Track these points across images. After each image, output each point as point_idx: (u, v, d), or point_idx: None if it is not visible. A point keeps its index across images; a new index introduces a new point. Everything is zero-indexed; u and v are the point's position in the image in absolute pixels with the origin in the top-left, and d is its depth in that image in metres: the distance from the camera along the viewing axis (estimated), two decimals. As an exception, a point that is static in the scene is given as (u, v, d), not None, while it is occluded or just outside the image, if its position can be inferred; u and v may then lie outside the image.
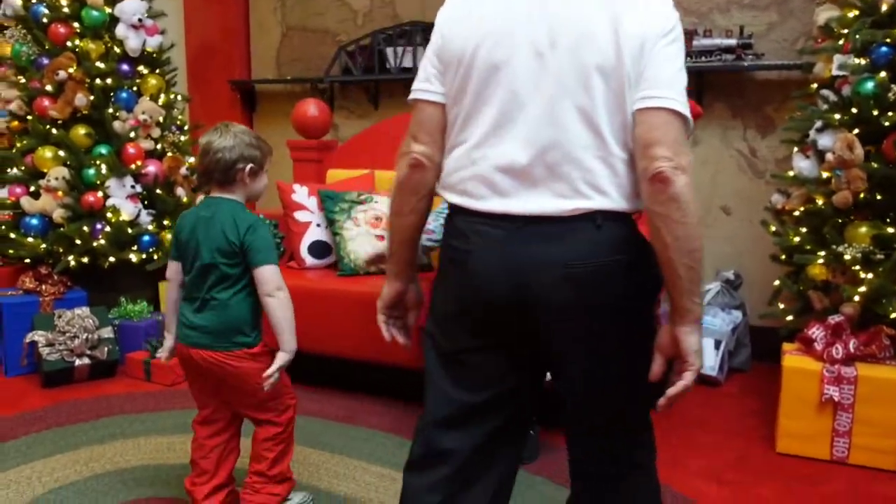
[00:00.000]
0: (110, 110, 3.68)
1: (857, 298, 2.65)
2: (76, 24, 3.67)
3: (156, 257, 3.75)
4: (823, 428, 2.62)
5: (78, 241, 3.55)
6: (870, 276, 2.64)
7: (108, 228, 3.59)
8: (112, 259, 3.61)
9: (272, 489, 2.12)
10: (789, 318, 2.95)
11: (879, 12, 2.74)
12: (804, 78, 3.54)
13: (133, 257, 3.66)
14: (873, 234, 2.69)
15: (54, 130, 3.62)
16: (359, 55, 4.26)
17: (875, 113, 2.68)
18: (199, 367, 2.02)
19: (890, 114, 2.63)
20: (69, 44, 3.64)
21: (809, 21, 3.53)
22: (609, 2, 1.29)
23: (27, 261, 3.67)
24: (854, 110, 2.72)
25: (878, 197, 2.71)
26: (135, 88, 3.81)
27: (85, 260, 3.62)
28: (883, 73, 2.69)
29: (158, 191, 3.79)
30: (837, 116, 2.79)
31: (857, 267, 2.67)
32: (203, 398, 2.13)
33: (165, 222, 3.82)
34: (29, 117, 3.71)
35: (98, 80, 3.64)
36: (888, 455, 2.55)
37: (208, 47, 4.70)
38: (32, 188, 3.69)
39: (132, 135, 3.72)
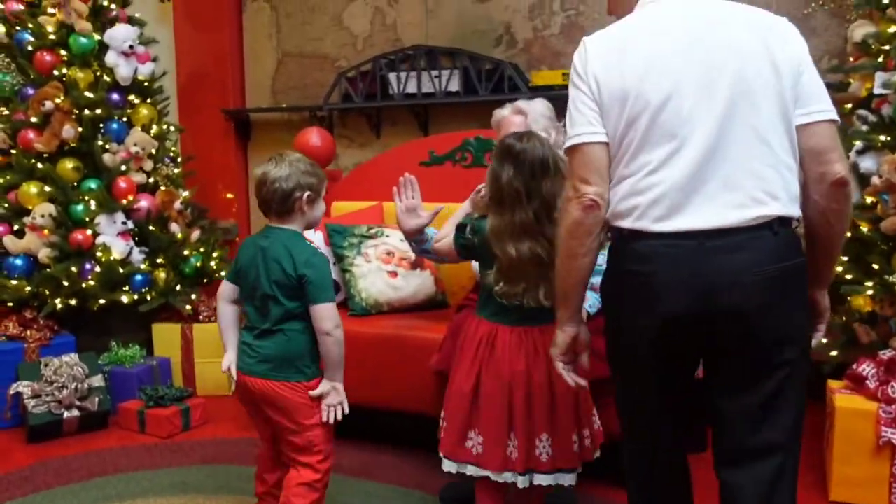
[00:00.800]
0: (100, 142, 3.48)
1: (912, 332, 2.47)
2: (63, 52, 3.47)
3: (149, 297, 3.51)
4: (881, 473, 2.42)
5: (65, 283, 3.32)
6: (924, 307, 2.47)
7: (97, 268, 3.36)
8: (102, 301, 3.38)
9: None
10: (833, 353, 2.76)
11: (923, 27, 2.59)
12: (832, 97, 3.39)
13: (125, 298, 3.43)
14: (924, 262, 2.52)
15: (40, 164, 3.41)
16: (360, 81, 4.07)
17: (921, 133, 2.53)
18: (254, 397, 2.03)
19: (940, 134, 2.48)
20: (56, 72, 3.45)
21: (833, 39, 3.40)
22: (756, 29, 1.48)
23: (10, 304, 3.41)
24: (900, 131, 2.57)
25: (929, 223, 2.54)
26: (125, 119, 3.61)
27: (73, 302, 3.39)
28: (929, 92, 2.54)
29: (151, 227, 3.58)
30: (882, 138, 2.63)
31: (910, 298, 2.49)
32: (263, 432, 2.15)
33: (159, 260, 3.60)
34: (13, 151, 3.48)
35: (87, 111, 3.44)
36: (954, 502, 2.36)
37: (201, 75, 4.51)
38: (16, 226, 3.46)
39: (123, 168, 3.51)
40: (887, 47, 2.70)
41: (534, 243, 1.88)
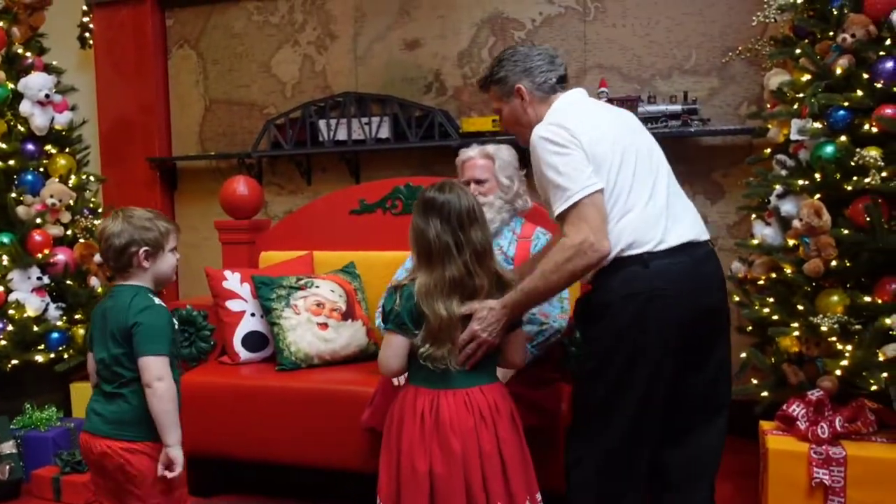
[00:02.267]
0: (13, 194, 3.31)
1: (838, 372, 2.50)
2: (-26, 102, 3.33)
3: (66, 356, 3.34)
4: (815, 514, 2.44)
5: (-25, 343, 3.13)
6: (848, 347, 2.51)
7: (10, 327, 3.18)
8: (15, 361, 3.19)
9: None
10: (764, 393, 2.79)
11: (834, 76, 2.68)
12: (748, 143, 3.51)
13: (39, 357, 3.26)
14: (846, 303, 2.58)
15: (-53, 219, 3.24)
16: (289, 128, 4.03)
17: (837, 177, 2.60)
18: (96, 460, 1.95)
19: (855, 178, 2.55)
20: (-33, 123, 3.29)
21: (751, 86, 3.53)
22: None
23: (-87, 368, 3.20)
24: (817, 175, 2.64)
25: (848, 264, 2.61)
26: (41, 169, 3.46)
27: (-18, 364, 3.19)
28: (843, 137, 2.62)
29: (69, 281, 3.42)
30: (801, 182, 2.70)
31: (834, 338, 2.54)
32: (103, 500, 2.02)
33: (77, 316, 3.43)
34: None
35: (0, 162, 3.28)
36: (885, 541, 2.38)
37: (124, 123, 4.39)
38: (-79, 284, 3.26)
39: (38, 220, 3.35)
40: (801, 95, 2.79)
41: (462, 299, 1.84)
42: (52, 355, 3.31)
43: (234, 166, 4.26)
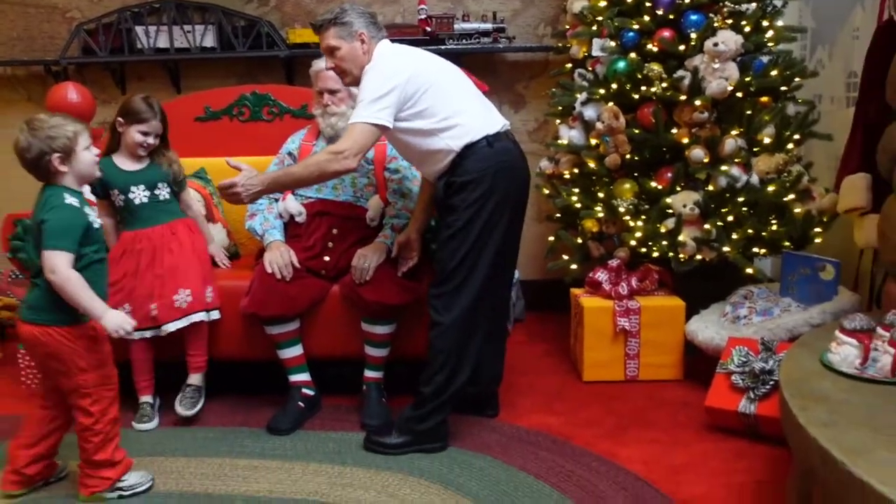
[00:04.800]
0: None
1: (633, 243, 3.16)
2: None
3: None
4: (618, 354, 3.11)
5: None
6: (639, 223, 3.16)
7: None
8: None
9: (102, 473, 2.20)
10: (573, 266, 3.41)
11: (626, 3, 3.26)
12: (545, 59, 4.05)
13: None
14: (636, 189, 3.22)
15: None
16: (102, 34, 3.87)
17: (628, 87, 3.20)
18: (24, 342, 2.16)
19: (644, 88, 3.16)
20: None
21: (547, 9, 4.05)
22: None
23: None
24: (614, 86, 3.22)
25: (636, 158, 3.25)
26: None
27: None
28: (633, 55, 3.22)
29: None
30: (601, 91, 3.27)
31: (628, 217, 3.18)
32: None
33: None
34: None
35: None
36: (669, 368, 3.12)
37: None
38: None
39: None
40: (600, 19, 3.34)
41: None
42: None
43: (37, 74, 4.00)
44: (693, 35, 3.12)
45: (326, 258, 2.77)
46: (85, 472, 2.21)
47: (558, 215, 3.57)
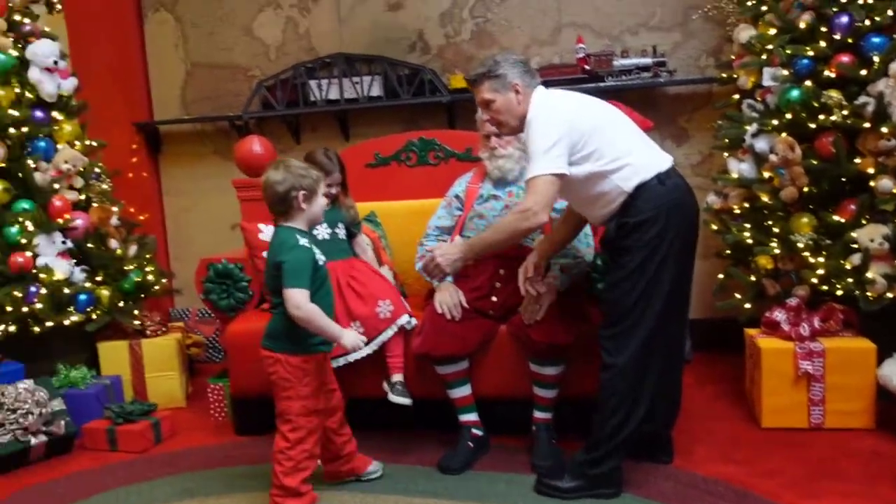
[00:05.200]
0: (29, 161, 3.35)
1: (814, 281, 2.98)
2: (-19, 70, 3.33)
3: (94, 316, 3.45)
4: (800, 400, 2.92)
5: (9, 308, 3.20)
6: (820, 259, 2.98)
7: (43, 290, 3.26)
8: (50, 324, 3.28)
9: (287, 501, 2.32)
10: (747, 305, 3.25)
11: (798, 29, 3.12)
12: (708, 91, 3.94)
13: (72, 319, 3.35)
14: (814, 223, 3.05)
15: (-34, 188, 3.26)
16: (279, 89, 4.18)
17: (804, 116, 3.05)
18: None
19: (822, 117, 3.01)
20: (-25, 92, 3.30)
21: (708, 40, 3.95)
22: None
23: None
24: (788, 116, 3.08)
25: (815, 190, 3.08)
26: (50, 136, 3.50)
27: (13, 329, 3.26)
28: (808, 82, 3.07)
29: (90, 244, 3.50)
30: (773, 122, 3.14)
31: (808, 253, 3.01)
32: None
33: (99, 277, 3.53)
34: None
35: (12, 129, 3.31)
36: (858, 416, 2.89)
37: (103, 88, 4.37)
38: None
39: (56, 186, 3.41)
40: (770, 47, 3.22)
41: None
42: (81, 317, 3.41)
43: (223, 129, 4.37)
44: (876, 58, 2.94)
45: (494, 298, 2.81)
46: (274, 494, 2.33)
47: (728, 252, 3.44)
